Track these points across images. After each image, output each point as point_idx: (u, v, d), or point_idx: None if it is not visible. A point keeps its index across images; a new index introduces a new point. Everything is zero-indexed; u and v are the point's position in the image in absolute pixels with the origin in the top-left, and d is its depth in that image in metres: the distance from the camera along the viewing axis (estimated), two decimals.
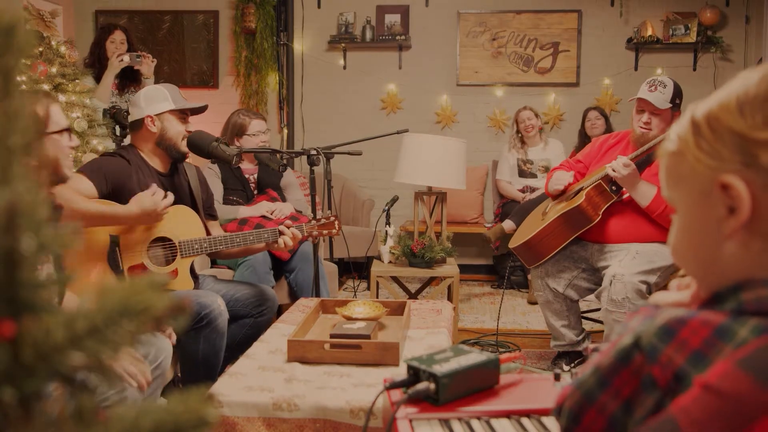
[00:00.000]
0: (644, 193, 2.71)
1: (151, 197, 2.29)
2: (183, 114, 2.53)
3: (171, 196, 2.35)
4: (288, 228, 2.52)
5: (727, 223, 0.68)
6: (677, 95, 2.78)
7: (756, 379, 0.58)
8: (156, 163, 2.52)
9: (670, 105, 2.76)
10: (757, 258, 0.67)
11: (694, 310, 0.71)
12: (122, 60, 3.92)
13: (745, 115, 0.68)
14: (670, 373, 0.64)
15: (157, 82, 3.95)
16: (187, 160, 2.66)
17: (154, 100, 2.49)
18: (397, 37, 5.41)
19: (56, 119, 1.81)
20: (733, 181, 0.67)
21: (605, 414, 0.70)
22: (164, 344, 2.00)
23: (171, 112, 2.50)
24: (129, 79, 4.05)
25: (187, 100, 2.59)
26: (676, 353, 0.64)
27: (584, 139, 4.84)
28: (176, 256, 2.39)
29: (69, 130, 1.86)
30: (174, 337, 2.06)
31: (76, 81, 3.26)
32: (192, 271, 2.53)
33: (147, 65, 4.04)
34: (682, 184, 0.74)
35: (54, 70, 3.16)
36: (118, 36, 4.11)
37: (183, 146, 2.52)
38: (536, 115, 4.93)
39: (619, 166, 2.69)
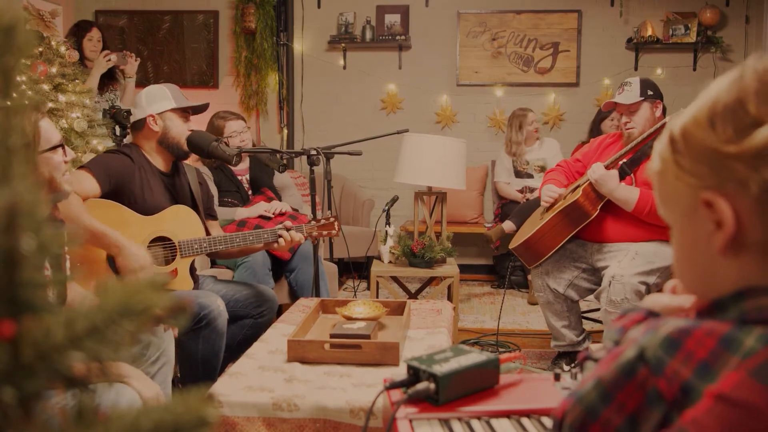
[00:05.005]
0: (626, 199, 2.73)
1: (148, 259, 2.22)
2: (185, 112, 2.54)
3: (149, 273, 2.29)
4: (288, 230, 2.52)
5: (716, 238, 0.67)
6: (647, 87, 2.83)
7: None
8: (158, 162, 2.52)
9: (641, 98, 2.80)
10: (748, 268, 0.67)
11: (693, 318, 0.70)
12: (110, 60, 3.91)
13: (716, 129, 0.67)
14: (677, 386, 0.63)
15: (156, 82, 3.95)
16: (187, 162, 2.66)
17: (156, 99, 2.49)
18: (397, 37, 5.40)
19: (47, 136, 1.72)
20: (713, 198, 0.66)
21: (609, 429, 0.68)
22: (167, 342, 2.01)
23: (173, 110, 2.50)
24: (109, 78, 4.05)
25: (188, 99, 2.59)
26: (682, 366, 0.63)
27: (598, 134, 4.80)
28: (176, 255, 2.39)
29: (62, 145, 1.78)
30: (176, 330, 2.06)
31: (76, 81, 3.26)
32: (192, 271, 2.53)
33: (131, 65, 4.04)
34: (671, 203, 0.74)
35: (54, 70, 3.15)
36: (96, 34, 4.11)
37: (186, 145, 2.52)
38: None
39: (591, 170, 2.80)
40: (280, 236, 2.51)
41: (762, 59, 0.69)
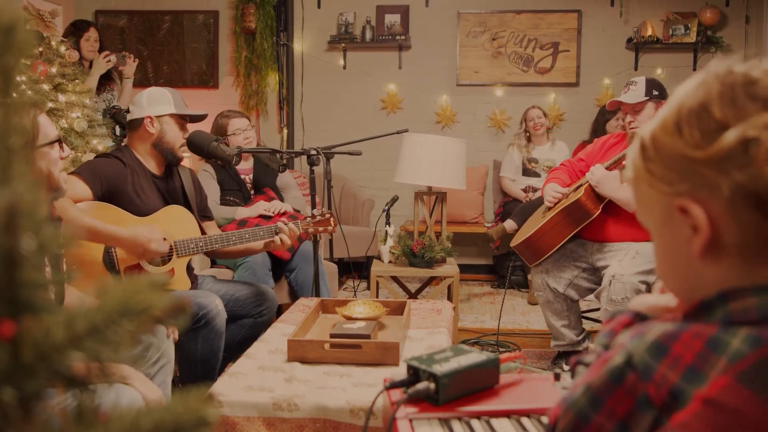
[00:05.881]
0: (628, 199, 2.73)
1: (149, 233, 2.27)
2: (183, 120, 2.53)
3: (165, 248, 2.33)
4: (285, 225, 2.52)
5: (694, 242, 0.67)
6: (652, 87, 2.83)
7: (757, 394, 0.58)
8: (151, 165, 2.51)
9: (646, 98, 2.80)
10: (728, 270, 0.67)
11: (680, 320, 0.71)
12: (109, 60, 3.91)
13: (683, 134, 0.67)
14: (666, 390, 0.63)
15: (156, 82, 3.96)
16: (182, 164, 2.66)
17: (157, 102, 2.48)
18: (397, 37, 5.41)
19: (45, 131, 1.74)
20: (687, 204, 0.66)
21: None
22: (167, 343, 2.01)
23: (171, 116, 2.49)
24: (105, 79, 4.05)
25: (188, 105, 2.58)
26: (669, 370, 0.63)
27: (602, 134, 4.79)
28: (172, 255, 2.39)
29: (59, 141, 1.79)
30: (176, 333, 2.06)
31: (76, 81, 3.26)
32: (190, 271, 2.53)
33: (129, 66, 4.04)
34: (647, 210, 0.74)
35: (54, 70, 3.16)
36: (93, 34, 4.11)
37: (179, 152, 2.52)
38: (544, 115, 4.94)
39: (590, 172, 2.81)
40: (279, 230, 2.50)
41: (724, 61, 0.69)
